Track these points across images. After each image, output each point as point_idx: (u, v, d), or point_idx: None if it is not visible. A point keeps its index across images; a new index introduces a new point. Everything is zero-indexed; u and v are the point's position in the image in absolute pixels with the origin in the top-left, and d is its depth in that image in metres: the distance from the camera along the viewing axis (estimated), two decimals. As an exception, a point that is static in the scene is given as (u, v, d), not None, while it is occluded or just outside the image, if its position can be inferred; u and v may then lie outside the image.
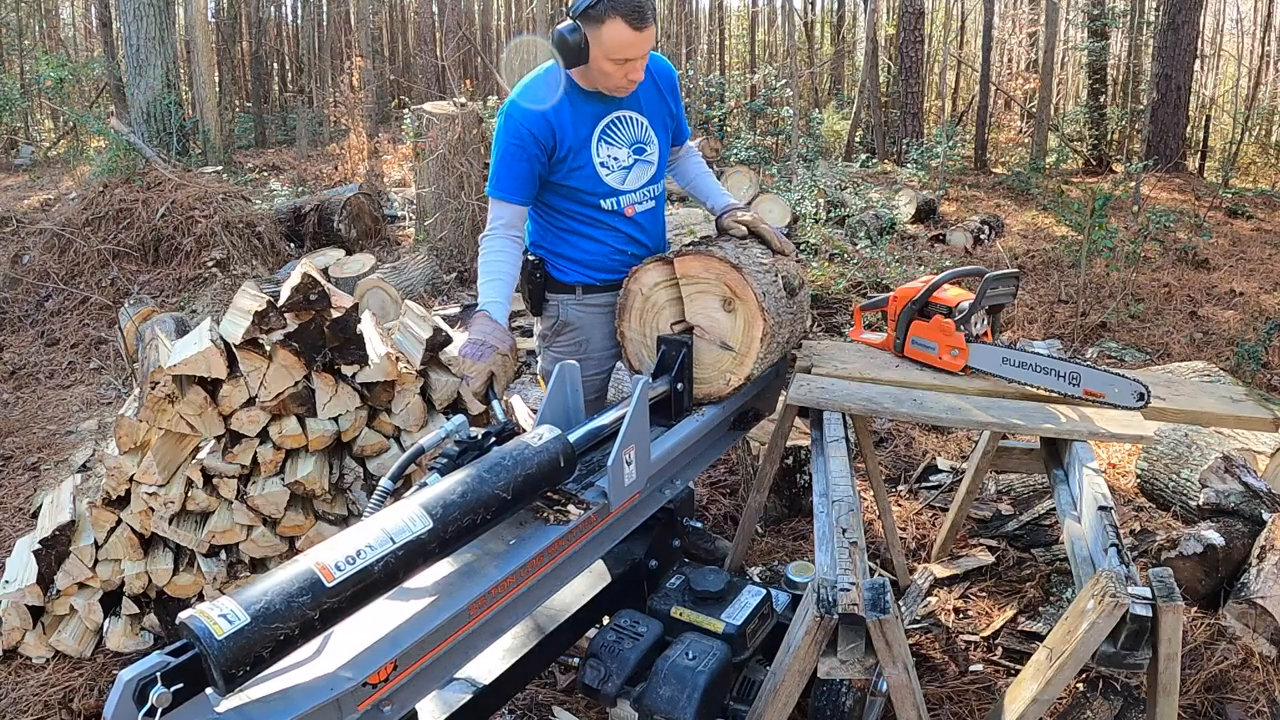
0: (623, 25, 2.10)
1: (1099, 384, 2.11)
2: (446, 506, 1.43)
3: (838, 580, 1.64)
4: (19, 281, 6.30)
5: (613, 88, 2.27)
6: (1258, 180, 12.87)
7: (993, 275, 2.35)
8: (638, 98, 2.38)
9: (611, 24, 2.10)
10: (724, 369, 2.23)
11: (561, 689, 2.52)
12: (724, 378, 2.24)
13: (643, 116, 2.41)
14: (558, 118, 2.27)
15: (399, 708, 1.38)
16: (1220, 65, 19.54)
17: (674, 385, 2.17)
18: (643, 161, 2.44)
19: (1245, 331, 5.59)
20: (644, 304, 2.33)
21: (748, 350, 2.20)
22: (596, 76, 2.24)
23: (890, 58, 15.62)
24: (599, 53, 2.15)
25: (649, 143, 2.44)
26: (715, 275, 2.19)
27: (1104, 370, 2.11)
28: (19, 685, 2.61)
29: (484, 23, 21.38)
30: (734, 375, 2.23)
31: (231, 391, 2.61)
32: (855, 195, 9.28)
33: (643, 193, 2.45)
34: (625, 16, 2.10)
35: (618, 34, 2.11)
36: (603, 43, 2.13)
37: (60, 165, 12.13)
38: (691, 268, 2.22)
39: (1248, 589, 2.50)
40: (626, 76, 2.22)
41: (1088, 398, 2.14)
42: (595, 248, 2.42)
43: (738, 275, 2.16)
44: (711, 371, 2.25)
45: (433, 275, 6.36)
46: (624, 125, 2.38)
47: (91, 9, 19.15)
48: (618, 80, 2.23)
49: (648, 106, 2.42)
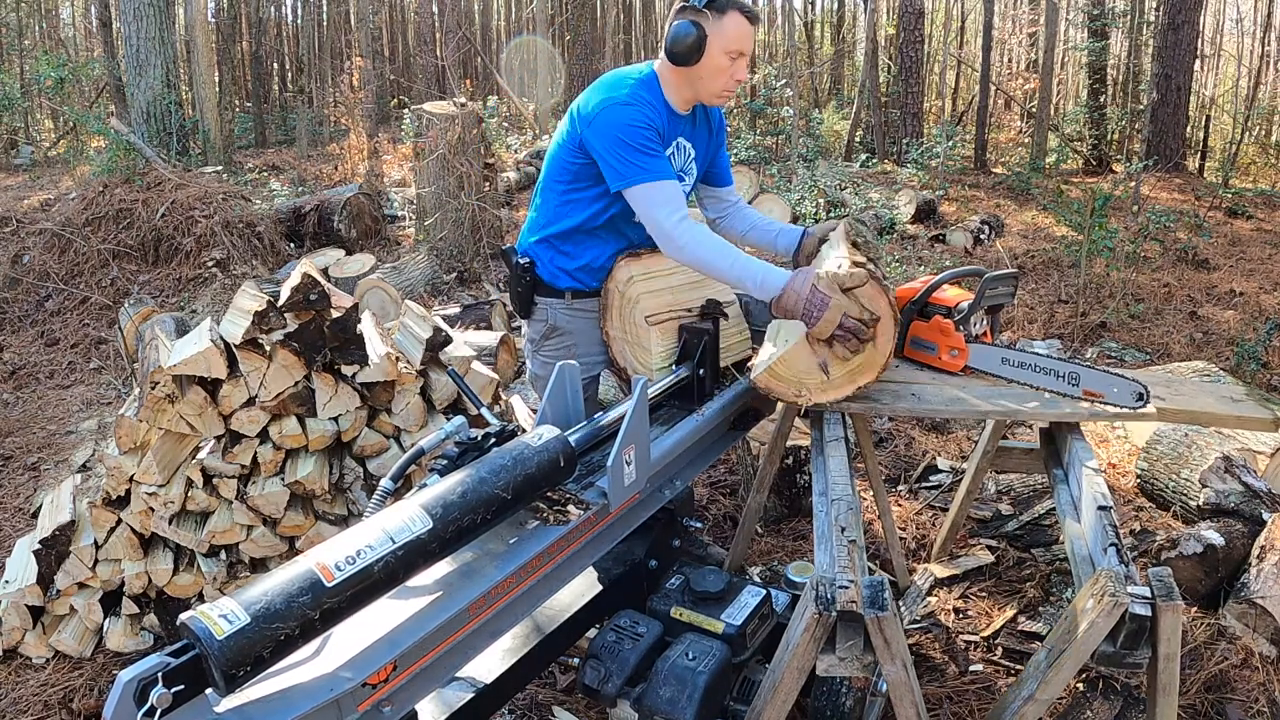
0: (741, 17, 2.20)
1: (1098, 384, 2.11)
2: (446, 507, 1.43)
3: (836, 578, 1.64)
4: (19, 281, 6.30)
5: (718, 90, 2.27)
6: (1258, 180, 12.88)
7: (992, 275, 2.35)
8: (694, 130, 2.41)
9: (733, 15, 2.19)
10: (805, 381, 2.13)
11: (561, 689, 2.52)
12: (800, 388, 2.12)
13: (693, 148, 2.43)
14: (659, 119, 2.26)
15: (399, 708, 1.38)
16: (1220, 65, 19.55)
17: (696, 371, 2.18)
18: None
19: (1245, 331, 5.59)
20: (621, 300, 2.34)
21: (841, 386, 2.13)
22: (706, 76, 2.24)
23: (890, 58, 15.62)
24: (718, 45, 2.19)
25: (689, 174, 2.46)
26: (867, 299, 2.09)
27: (1103, 370, 2.11)
28: (19, 685, 2.61)
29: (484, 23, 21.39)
30: (811, 395, 2.14)
31: (231, 391, 2.61)
32: (855, 195, 9.28)
33: None
34: (742, 9, 2.20)
35: (740, 25, 2.19)
36: (725, 33, 2.18)
37: (60, 165, 12.13)
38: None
39: (1248, 589, 2.50)
40: (734, 76, 2.25)
41: (1087, 398, 2.14)
42: (596, 252, 2.41)
43: (891, 315, 2.10)
44: (791, 371, 2.11)
45: (433, 275, 6.36)
46: (680, 152, 2.40)
47: (91, 9, 19.15)
48: (724, 80, 2.25)
49: (698, 140, 2.44)
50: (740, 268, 2.13)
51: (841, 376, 2.13)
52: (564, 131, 2.34)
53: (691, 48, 2.18)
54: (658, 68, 2.30)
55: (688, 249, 2.15)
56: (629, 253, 2.39)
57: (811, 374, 2.12)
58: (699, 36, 2.17)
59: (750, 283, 2.13)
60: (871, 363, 2.12)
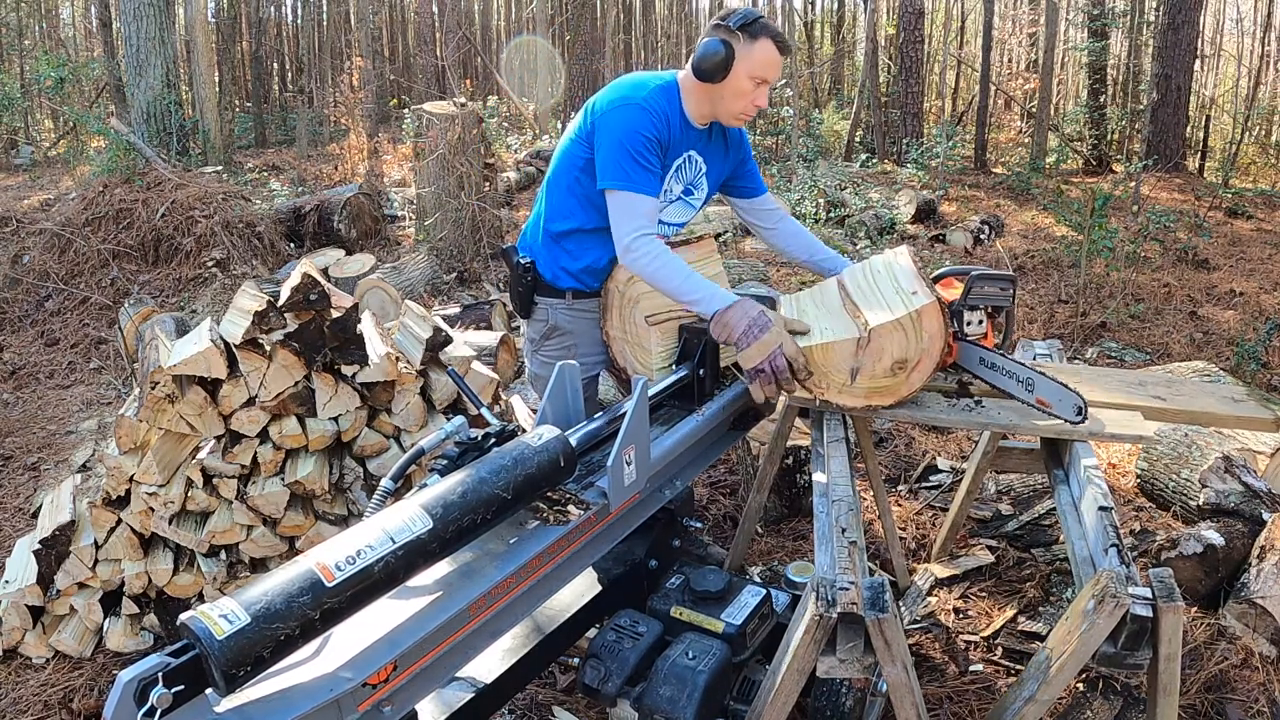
0: (772, 46, 2.21)
1: (1048, 393, 2.13)
2: (446, 507, 1.43)
3: (836, 579, 1.64)
4: (19, 281, 6.30)
5: (737, 112, 2.29)
6: (1258, 180, 12.88)
7: (978, 273, 2.36)
8: (708, 144, 2.41)
9: (765, 42, 2.20)
10: (831, 376, 2.15)
11: (561, 689, 2.52)
12: (823, 380, 2.15)
13: (704, 163, 2.43)
14: (670, 129, 2.27)
15: (399, 708, 1.38)
16: (1220, 65, 19.55)
17: (696, 371, 2.18)
18: (686, 204, 2.46)
19: (1245, 331, 5.59)
20: (621, 300, 2.34)
21: (856, 397, 2.15)
22: (728, 96, 2.25)
23: (890, 58, 15.62)
24: (744, 69, 2.20)
25: (699, 188, 2.46)
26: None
27: (1053, 380, 2.12)
28: (19, 685, 2.61)
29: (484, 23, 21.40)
30: (825, 392, 2.17)
31: (231, 391, 2.61)
32: (855, 195, 9.29)
33: (666, 227, 2.46)
34: (775, 39, 2.23)
35: (769, 53, 2.21)
36: (753, 59, 2.20)
37: (60, 165, 12.14)
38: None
39: (1248, 589, 2.50)
40: (754, 101, 2.26)
41: (1039, 405, 2.16)
42: (598, 253, 2.40)
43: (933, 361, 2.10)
44: (826, 360, 2.12)
45: (433, 275, 6.36)
46: (690, 165, 2.40)
47: (91, 9, 19.16)
48: (745, 104, 2.26)
49: (711, 155, 2.44)
50: (690, 286, 2.12)
51: (862, 389, 2.14)
52: (577, 126, 2.35)
53: (718, 66, 2.19)
54: (680, 78, 2.30)
55: (639, 262, 2.16)
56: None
57: (840, 373, 2.14)
58: (726, 56, 2.18)
59: (698, 299, 2.12)
60: (894, 390, 2.13)
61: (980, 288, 2.34)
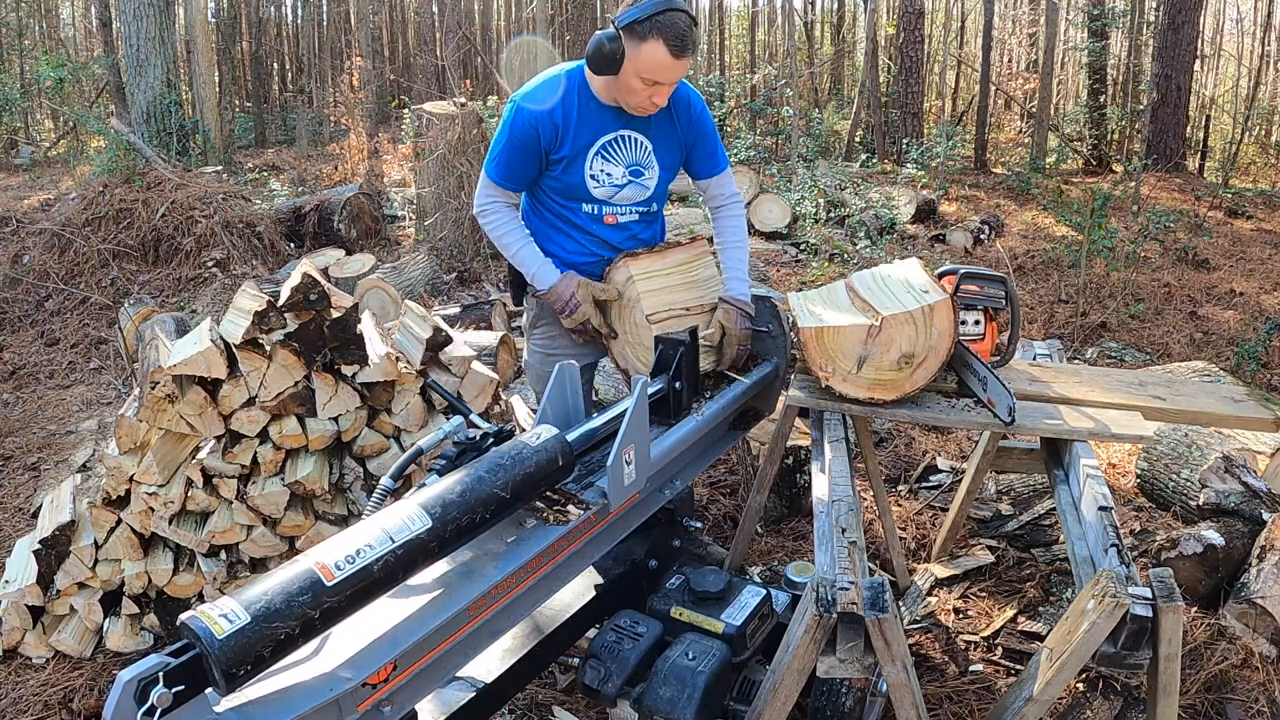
0: (663, 48, 2.13)
1: (995, 393, 2.16)
2: (446, 506, 1.43)
3: (836, 579, 1.64)
4: (19, 281, 6.30)
5: (634, 105, 2.28)
6: (1258, 180, 12.87)
7: (967, 271, 2.36)
8: (648, 121, 2.38)
9: (653, 44, 2.13)
10: (837, 361, 2.18)
11: (561, 689, 2.52)
12: (830, 364, 2.19)
13: (648, 141, 2.40)
14: (565, 121, 2.28)
15: (399, 708, 1.38)
16: (1220, 65, 19.54)
17: (672, 384, 2.15)
18: (637, 184, 2.43)
19: (1245, 331, 5.59)
20: (621, 300, 2.34)
21: (859, 387, 2.18)
22: (621, 91, 2.25)
23: (890, 58, 15.61)
24: (632, 68, 2.17)
25: (648, 167, 2.43)
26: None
27: (999, 381, 2.13)
28: (19, 685, 2.61)
29: (484, 23, 21.39)
30: (830, 378, 2.20)
31: (231, 391, 2.61)
32: (855, 195, 9.28)
33: (630, 209, 2.45)
34: (668, 41, 2.12)
35: (656, 55, 2.14)
36: (639, 59, 2.15)
37: (60, 165, 12.13)
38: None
39: (1248, 589, 2.50)
40: (650, 98, 2.23)
41: (989, 405, 2.17)
42: (571, 246, 2.44)
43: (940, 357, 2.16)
44: (835, 343, 2.16)
45: (433, 275, 6.36)
46: (625, 145, 2.38)
47: (91, 9, 19.15)
48: (640, 99, 2.24)
49: (656, 132, 2.41)
50: (521, 258, 2.40)
51: (867, 379, 2.16)
52: None
53: (603, 61, 2.18)
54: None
55: (488, 226, 2.43)
56: (628, 253, 2.39)
57: (847, 359, 2.17)
58: (612, 52, 2.16)
59: (526, 271, 2.40)
60: (897, 385, 2.15)
61: (969, 284, 2.36)
